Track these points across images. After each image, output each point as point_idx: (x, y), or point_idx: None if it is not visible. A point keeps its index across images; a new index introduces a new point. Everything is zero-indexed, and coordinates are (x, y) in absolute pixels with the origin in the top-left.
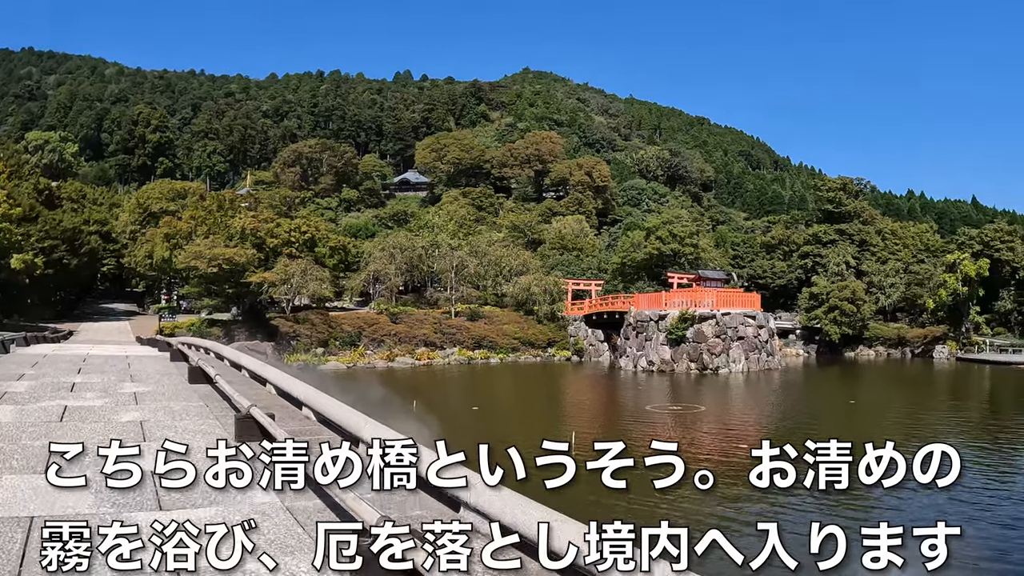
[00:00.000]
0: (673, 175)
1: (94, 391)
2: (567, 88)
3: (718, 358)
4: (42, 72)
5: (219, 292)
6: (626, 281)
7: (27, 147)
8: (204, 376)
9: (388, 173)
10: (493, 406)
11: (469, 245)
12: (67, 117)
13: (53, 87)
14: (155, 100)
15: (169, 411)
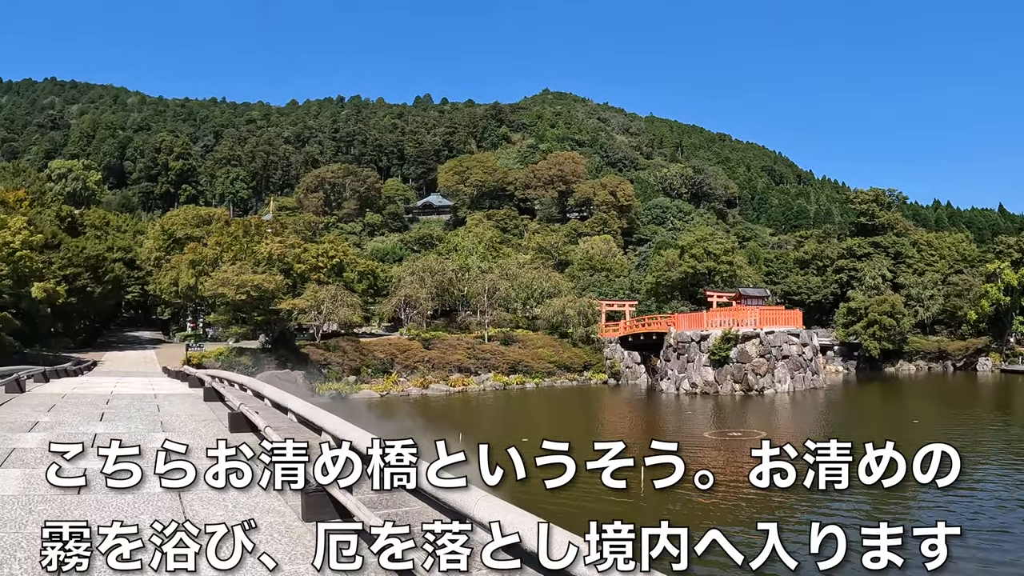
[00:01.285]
0: (697, 192)
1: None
2: (587, 108)
3: (763, 378)
4: (64, 102)
5: (247, 319)
6: (660, 301)
7: (50, 175)
8: (248, 424)
9: (411, 197)
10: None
11: (499, 268)
12: (90, 146)
13: (76, 116)
14: (177, 128)
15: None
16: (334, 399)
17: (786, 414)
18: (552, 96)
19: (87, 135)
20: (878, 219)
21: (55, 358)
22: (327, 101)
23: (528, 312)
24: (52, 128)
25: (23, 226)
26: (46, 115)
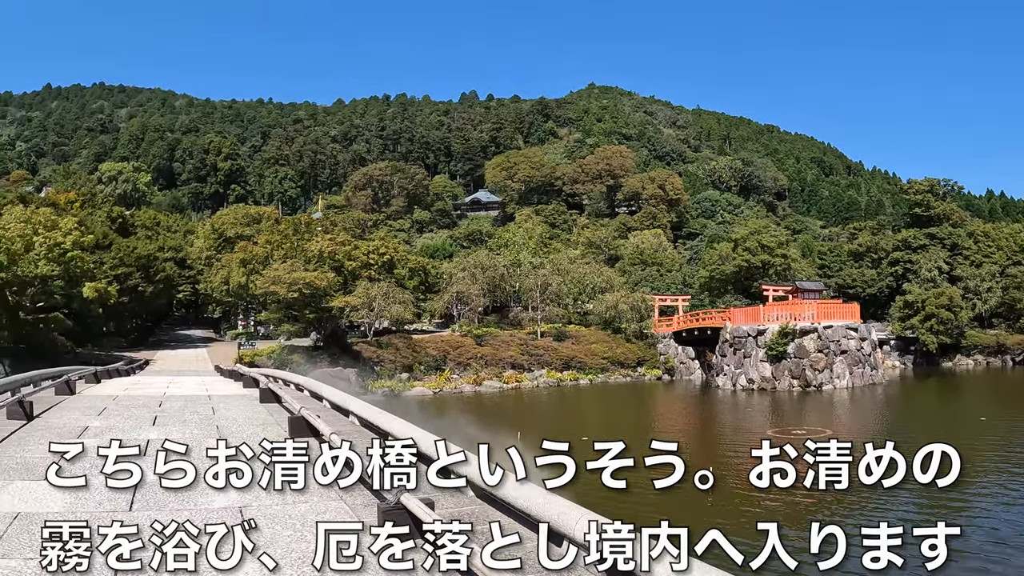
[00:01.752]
0: (746, 185)
1: (173, 455)
2: (633, 102)
3: (821, 374)
4: (113, 106)
5: (299, 317)
6: (713, 295)
7: (101, 178)
8: (308, 428)
9: (459, 193)
10: (604, 435)
11: (551, 263)
12: (139, 148)
13: (125, 120)
14: (225, 129)
15: (276, 488)
16: (387, 397)
17: (847, 411)
18: (598, 90)
19: (136, 138)
20: (933, 210)
21: (107, 357)
22: (373, 100)
23: (580, 307)
24: (102, 132)
25: (74, 227)
26: (95, 119)
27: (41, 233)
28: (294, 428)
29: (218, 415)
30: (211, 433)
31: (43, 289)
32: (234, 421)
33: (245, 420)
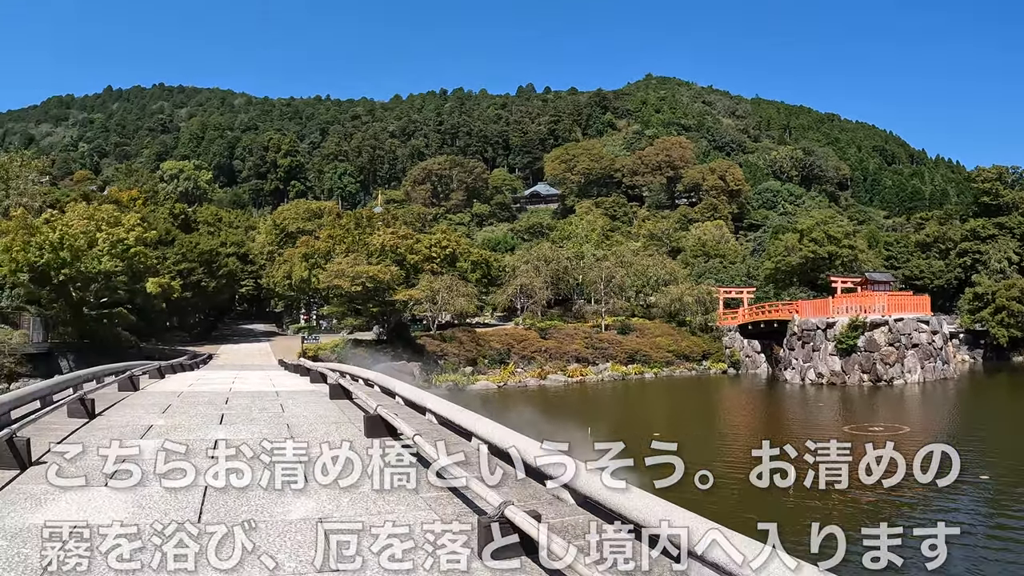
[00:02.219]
0: (808, 175)
1: (243, 458)
2: (692, 92)
3: (892, 368)
4: (173, 106)
5: (362, 311)
6: (778, 287)
7: (162, 176)
8: (386, 427)
9: (518, 186)
10: (675, 432)
11: (614, 255)
12: (199, 147)
13: (185, 119)
14: (284, 127)
15: (358, 495)
16: (451, 391)
17: (921, 407)
18: (656, 81)
19: (196, 137)
20: (1002, 198)
21: (171, 352)
22: (430, 95)
23: (643, 300)
24: (162, 131)
25: (136, 223)
26: (156, 119)
27: (104, 229)
28: (370, 427)
29: (287, 412)
30: (281, 432)
31: (107, 285)
32: (304, 419)
33: (316, 418)
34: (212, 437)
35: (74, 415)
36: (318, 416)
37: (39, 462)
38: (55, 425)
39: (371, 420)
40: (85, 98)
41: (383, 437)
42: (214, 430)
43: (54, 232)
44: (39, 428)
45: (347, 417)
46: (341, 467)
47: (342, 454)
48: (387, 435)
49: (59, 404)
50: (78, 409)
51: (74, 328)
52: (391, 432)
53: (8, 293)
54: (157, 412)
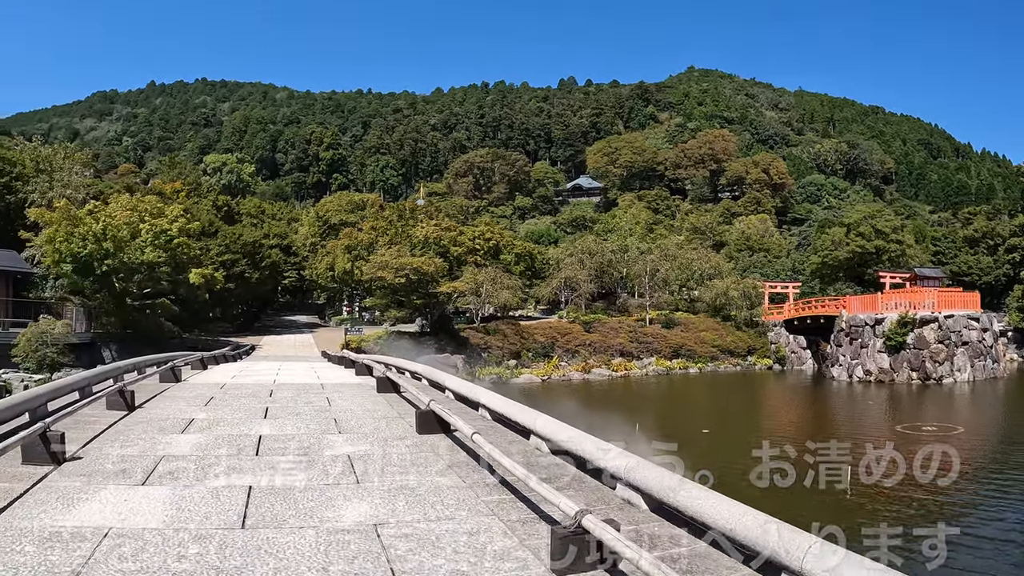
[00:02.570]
0: (852, 168)
1: (288, 453)
2: (734, 84)
3: (941, 366)
4: (216, 100)
5: (406, 303)
6: (824, 282)
7: (205, 169)
8: (439, 423)
9: (560, 179)
10: (723, 427)
11: (659, 248)
12: (242, 140)
13: (227, 113)
14: (326, 120)
15: (415, 498)
16: (495, 383)
17: (972, 406)
18: (698, 73)
19: (239, 130)
20: None
21: (213, 342)
22: (472, 88)
23: (687, 294)
24: (205, 125)
25: (180, 214)
26: (199, 113)
27: (147, 220)
28: (422, 423)
29: (334, 407)
30: (329, 428)
31: (150, 275)
32: (352, 414)
33: (364, 412)
34: (256, 432)
35: (113, 407)
36: (366, 411)
37: (74, 457)
38: (93, 418)
39: (423, 416)
40: (129, 93)
41: (436, 434)
42: (258, 425)
43: (97, 223)
44: (76, 421)
45: (396, 412)
46: (394, 466)
47: (395, 452)
48: (440, 432)
49: (98, 396)
50: (117, 401)
51: (117, 318)
52: (444, 429)
53: (52, 284)
54: (199, 405)
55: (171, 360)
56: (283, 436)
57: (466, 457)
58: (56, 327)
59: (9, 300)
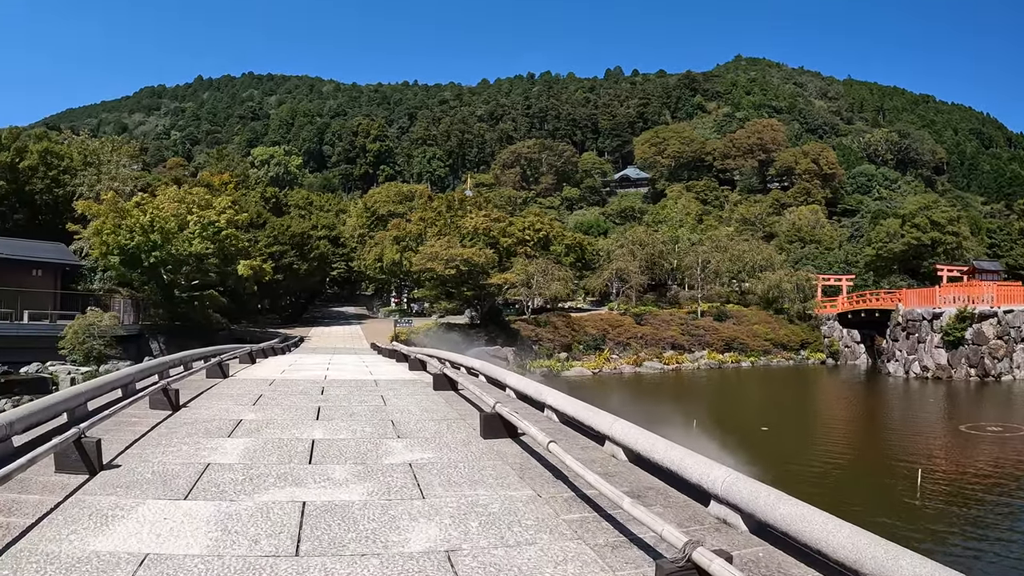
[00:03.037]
0: (903, 159)
1: (344, 461)
2: (782, 73)
3: (1000, 363)
4: (262, 93)
5: (456, 294)
6: (878, 275)
7: (253, 162)
8: (504, 426)
9: (608, 170)
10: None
11: (710, 239)
12: (289, 133)
13: (274, 107)
14: (372, 112)
15: (489, 518)
16: (546, 376)
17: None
18: (745, 62)
19: (286, 123)
20: None
21: (262, 334)
22: (517, 79)
23: (737, 286)
24: (252, 119)
25: (228, 205)
26: (246, 107)
27: (195, 212)
28: (488, 427)
29: (390, 406)
30: (386, 431)
31: (198, 267)
32: (410, 414)
33: (422, 413)
34: (309, 436)
35: (156, 407)
36: (424, 411)
37: (111, 465)
38: (135, 418)
39: (489, 419)
40: (176, 88)
41: (503, 438)
42: (310, 427)
43: (145, 215)
44: (117, 423)
45: (456, 413)
46: (462, 477)
47: (460, 460)
48: (506, 436)
49: (140, 395)
50: (161, 400)
51: (165, 310)
52: (511, 433)
53: (100, 276)
54: (247, 404)
55: (218, 354)
56: (338, 441)
57: (537, 466)
58: (104, 319)
59: (57, 292)
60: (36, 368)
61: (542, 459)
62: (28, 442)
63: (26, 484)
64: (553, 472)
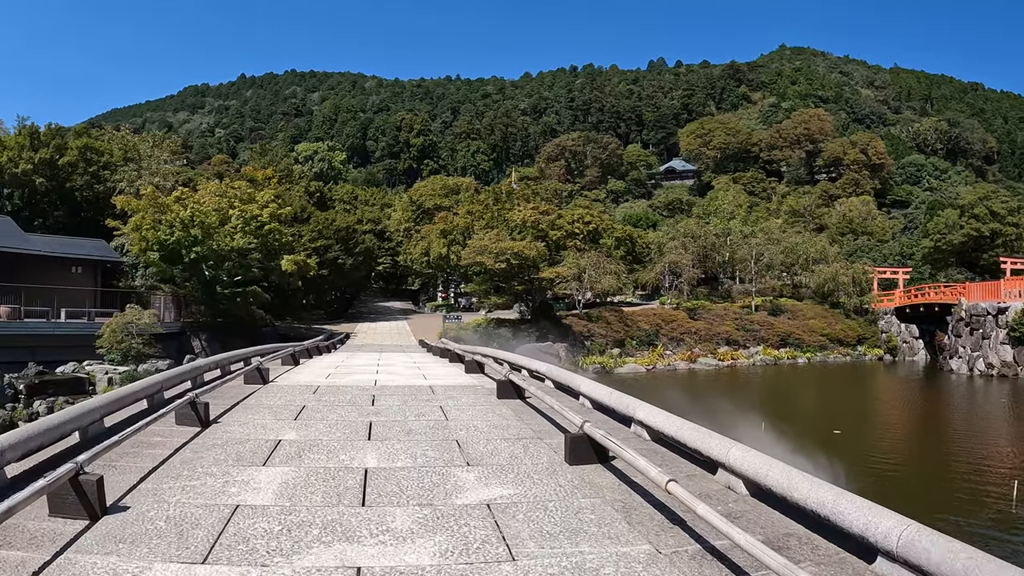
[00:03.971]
0: (952, 148)
1: (406, 501)
2: (827, 62)
3: None
4: (305, 90)
5: (507, 289)
6: (935, 268)
7: (297, 158)
8: (595, 449)
9: (653, 162)
10: (852, 426)
11: (762, 232)
12: (332, 128)
13: (317, 103)
14: (415, 107)
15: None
16: (599, 373)
17: None
18: (790, 52)
19: (329, 119)
20: None
21: (307, 331)
22: (560, 71)
23: (790, 279)
24: (296, 115)
25: (271, 199)
26: (289, 104)
27: (237, 206)
28: (575, 452)
29: (452, 420)
30: (452, 456)
31: (240, 263)
32: (477, 432)
33: (491, 430)
34: (360, 463)
35: (183, 422)
36: (492, 426)
37: (118, 507)
38: (157, 438)
39: (575, 442)
40: (220, 86)
41: (591, 464)
42: (361, 451)
43: (185, 210)
44: (135, 444)
45: (530, 429)
46: (556, 526)
47: (549, 498)
48: (596, 461)
49: (167, 409)
50: (188, 415)
51: (207, 307)
52: (600, 456)
53: (142, 272)
54: (287, 419)
55: (258, 355)
56: (396, 470)
57: (643, 504)
58: (143, 317)
59: (97, 290)
60: (73, 368)
61: (644, 492)
62: (29, 470)
63: (10, 534)
64: (664, 513)
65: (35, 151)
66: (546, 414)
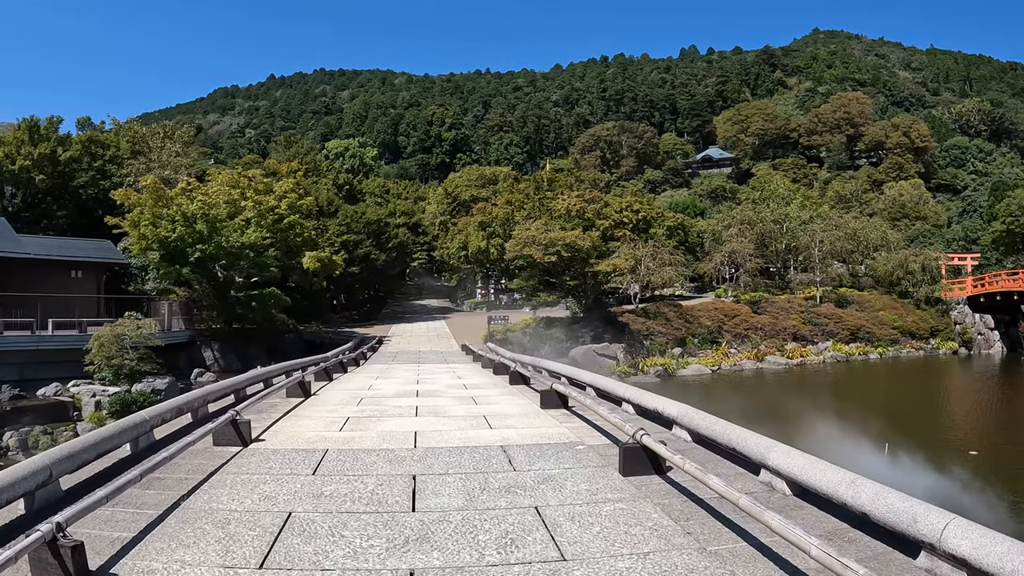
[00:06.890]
0: (997, 129)
1: None
2: (862, 45)
3: None
4: (335, 88)
5: (558, 284)
6: (1003, 253)
7: (327, 155)
8: None
9: (689, 151)
10: (994, 447)
11: (821, 216)
12: (363, 125)
13: (347, 101)
14: (446, 102)
15: None
16: (661, 377)
17: None
18: (824, 35)
19: (360, 116)
20: None
21: (335, 336)
22: (591, 62)
23: (850, 268)
24: (326, 113)
25: (290, 188)
26: (319, 102)
27: (250, 197)
28: None
29: (548, 520)
30: (540, 543)
31: (255, 261)
32: (598, 551)
33: (617, 538)
34: (404, 566)
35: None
36: (638, 557)
37: None
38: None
39: None
40: (249, 87)
41: None
42: (405, 546)
43: (192, 203)
44: None
45: (692, 539)
46: None
47: None
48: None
49: (144, 470)
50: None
51: (219, 312)
52: None
53: (153, 275)
54: (308, 470)
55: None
56: None
57: None
58: (139, 327)
59: (101, 296)
60: (56, 389)
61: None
62: None
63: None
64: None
65: (35, 146)
66: (731, 520)
